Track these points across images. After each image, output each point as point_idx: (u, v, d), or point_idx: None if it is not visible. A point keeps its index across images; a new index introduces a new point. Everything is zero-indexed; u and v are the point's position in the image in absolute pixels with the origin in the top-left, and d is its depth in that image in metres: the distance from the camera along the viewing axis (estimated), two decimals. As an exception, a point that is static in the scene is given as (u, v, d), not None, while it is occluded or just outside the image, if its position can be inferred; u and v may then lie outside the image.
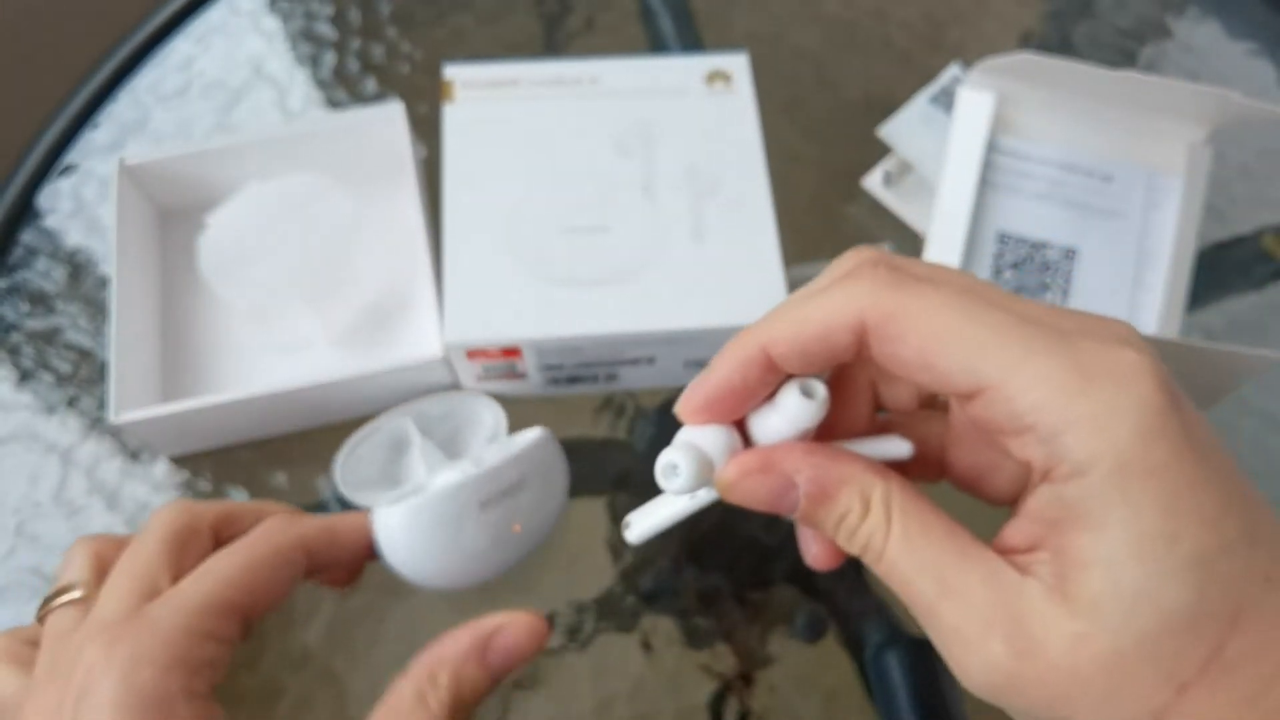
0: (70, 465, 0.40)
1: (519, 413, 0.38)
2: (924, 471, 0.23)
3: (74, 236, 0.45)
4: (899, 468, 0.22)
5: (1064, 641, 0.17)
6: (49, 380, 0.42)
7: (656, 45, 0.51)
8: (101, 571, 0.27)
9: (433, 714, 0.24)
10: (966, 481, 0.23)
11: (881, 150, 0.47)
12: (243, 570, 0.25)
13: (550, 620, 0.38)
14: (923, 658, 0.37)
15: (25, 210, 0.46)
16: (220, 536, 0.28)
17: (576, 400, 0.41)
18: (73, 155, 0.47)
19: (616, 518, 0.39)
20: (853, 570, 0.39)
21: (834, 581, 0.39)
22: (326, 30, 0.51)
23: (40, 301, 0.44)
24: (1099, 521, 0.17)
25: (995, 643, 0.18)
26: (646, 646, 0.38)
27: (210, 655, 0.24)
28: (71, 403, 0.42)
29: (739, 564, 0.39)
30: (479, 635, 0.25)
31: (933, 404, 0.23)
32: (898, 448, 0.22)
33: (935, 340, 0.18)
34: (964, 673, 0.19)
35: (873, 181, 0.46)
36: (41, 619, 0.26)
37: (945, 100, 0.47)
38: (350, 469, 0.36)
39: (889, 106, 0.48)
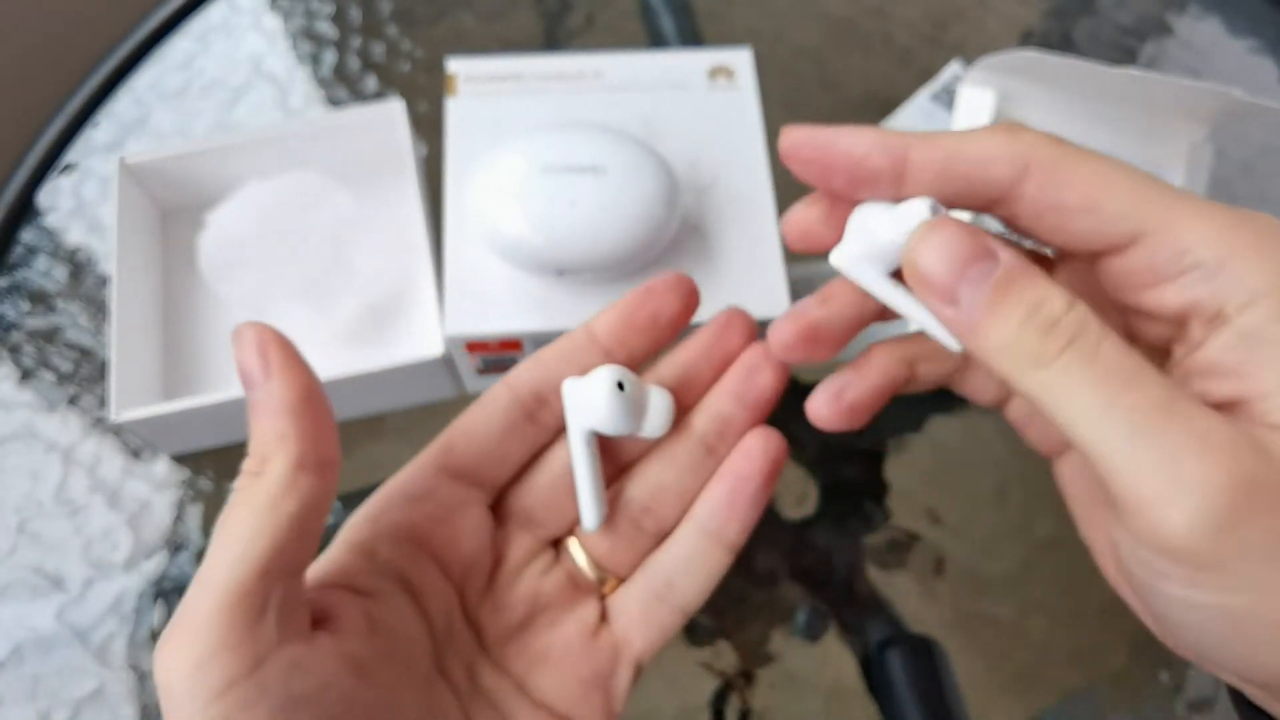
0: (71, 464, 0.40)
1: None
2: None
3: (74, 235, 0.45)
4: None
5: None
6: (50, 379, 0.42)
7: (657, 43, 0.51)
8: None
9: None
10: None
11: (882, 148, 0.47)
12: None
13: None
14: (924, 656, 0.37)
15: (25, 209, 0.46)
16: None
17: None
18: (73, 154, 0.47)
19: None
20: (855, 568, 0.39)
21: (836, 579, 0.39)
22: (327, 29, 0.51)
23: (41, 300, 0.44)
24: None
25: (1241, 445, 0.15)
26: (648, 644, 0.38)
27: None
28: (72, 401, 0.42)
29: (740, 561, 0.39)
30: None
31: None
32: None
33: (1102, 185, 0.18)
34: (1201, 491, 0.15)
35: (873, 179, 0.46)
36: None
37: (946, 98, 0.47)
38: None
39: (889, 104, 0.48)
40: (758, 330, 0.25)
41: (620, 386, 0.23)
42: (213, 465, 0.40)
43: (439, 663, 0.23)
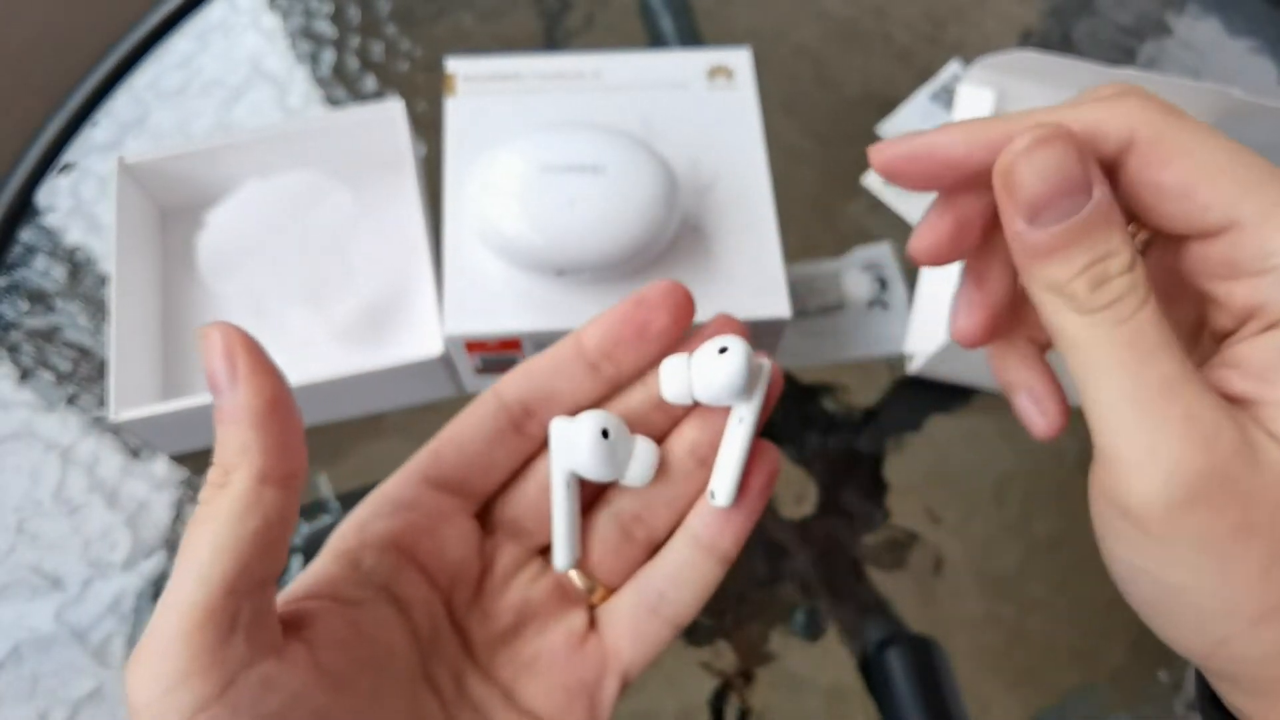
0: (70, 463, 0.40)
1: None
2: None
3: (73, 234, 0.45)
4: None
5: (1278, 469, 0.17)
6: (49, 378, 0.42)
7: (656, 43, 0.51)
8: None
9: None
10: None
11: (882, 147, 0.47)
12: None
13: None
14: (923, 655, 0.37)
15: (24, 208, 0.46)
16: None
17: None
18: (72, 153, 0.47)
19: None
20: (855, 567, 0.39)
21: (835, 579, 0.39)
22: (326, 28, 0.51)
23: (40, 299, 0.44)
24: None
25: (1225, 438, 0.17)
26: (647, 644, 0.38)
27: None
28: (71, 401, 0.42)
29: (740, 560, 0.39)
30: None
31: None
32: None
33: (1202, 169, 0.17)
34: (1173, 468, 0.17)
35: (873, 179, 0.46)
36: None
37: (945, 97, 0.47)
38: None
39: (889, 104, 0.48)
40: (749, 334, 0.25)
41: (605, 434, 0.23)
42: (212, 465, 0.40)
43: (425, 671, 0.23)
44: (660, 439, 0.24)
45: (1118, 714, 0.37)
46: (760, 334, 0.37)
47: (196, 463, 0.40)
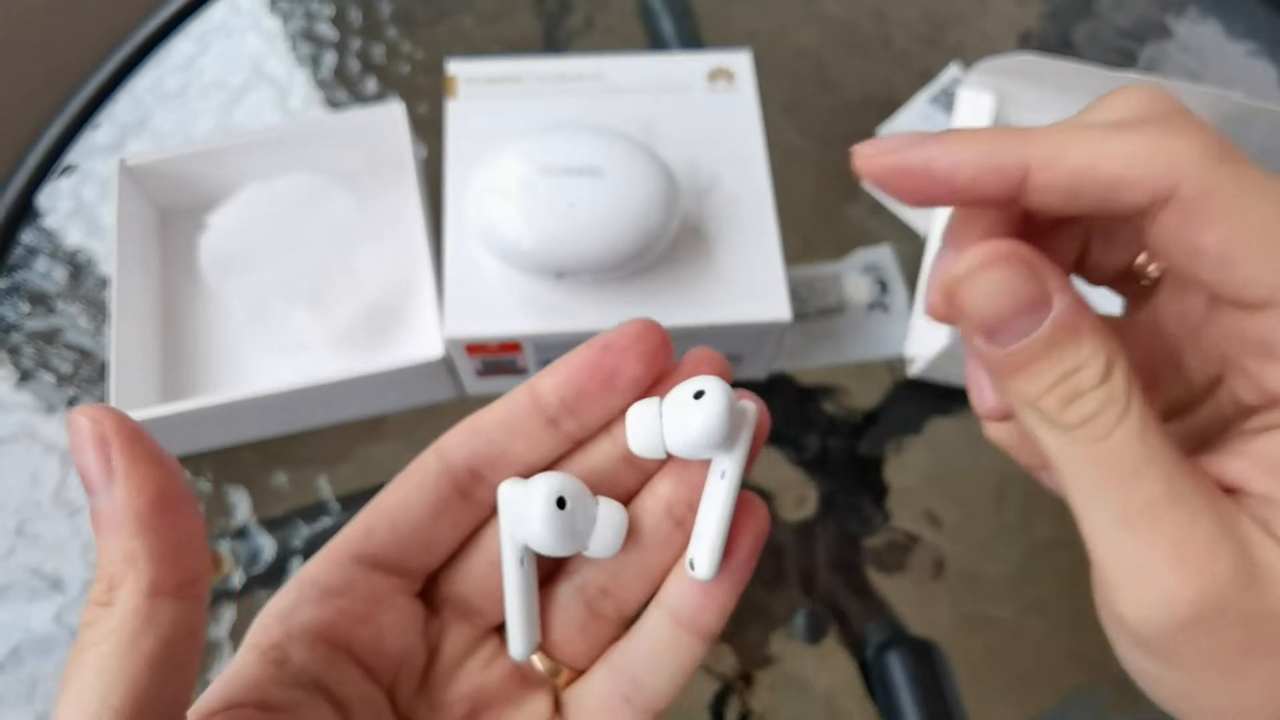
0: (70, 465, 0.40)
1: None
2: None
3: (74, 236, 0.45)
4: None
5: None
6: (49, 380, 0.42)
7: (656, 45, 0.51)
8: None
9: None
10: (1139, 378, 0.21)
11: (882, 150, 0.47)
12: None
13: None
14: (924, 658, 0.37)
15: (25, 210, 0.46)
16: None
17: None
18: (73, 155, 0.47)
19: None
20: (855, 570, 0.39)
21: (835, 581, 0.39)
22: (327, 30, 0.51)
23: (40, 301, 0.44)
24: None
25: (1221, 563, 0.15)
26: (647, 646, 0.38)
27: None
28: (72, 402, 0.42)
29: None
30: None
31: (1135, 278, 0.19)
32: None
33: (1252, 235, 0.15)
34: (1163, 596, 0.15)
35: (873, 181, 0.46)
36: None
37: (945, 100, 0.47)
38: None
39: (889, 106, 0.48)
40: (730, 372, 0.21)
41: (561, 504, 0.19)
42: (211, 467, 0.40)
43: None
44: (630, 497, 0.21)
45: (1118, 717, 0.37)
46: (760, 337, 0.37)
47: (197, 464, 0.40)
